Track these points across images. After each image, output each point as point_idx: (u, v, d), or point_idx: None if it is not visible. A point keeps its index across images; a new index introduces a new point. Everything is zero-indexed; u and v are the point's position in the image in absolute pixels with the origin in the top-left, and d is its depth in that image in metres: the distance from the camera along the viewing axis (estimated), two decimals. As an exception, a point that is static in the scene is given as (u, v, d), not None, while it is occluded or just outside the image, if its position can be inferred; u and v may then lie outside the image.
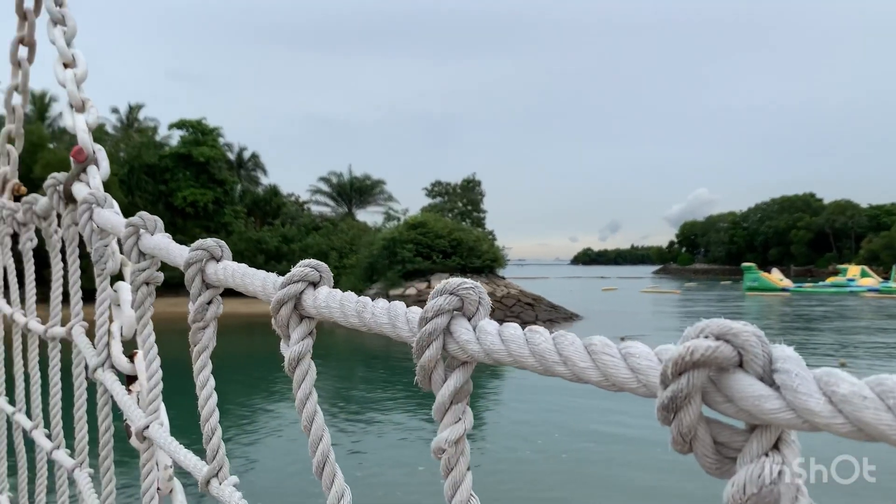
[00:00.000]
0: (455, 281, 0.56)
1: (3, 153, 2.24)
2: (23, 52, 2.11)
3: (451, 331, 0.56)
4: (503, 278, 42.91)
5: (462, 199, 55.22)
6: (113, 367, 1.27)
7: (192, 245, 0.94)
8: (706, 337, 0.40)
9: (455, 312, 0.56)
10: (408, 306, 0.75)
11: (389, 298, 0.71)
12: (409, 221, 43.55)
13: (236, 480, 0.90)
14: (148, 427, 1.08)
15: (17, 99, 2.18)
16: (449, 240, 39.74)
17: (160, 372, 1.11)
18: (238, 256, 1.17)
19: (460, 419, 0.57)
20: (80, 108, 1.61)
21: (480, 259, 40.08)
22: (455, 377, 0.56)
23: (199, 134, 45.51)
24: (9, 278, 2.08)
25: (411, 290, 35.41)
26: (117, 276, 1.35)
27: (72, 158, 1.49)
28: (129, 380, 1.25)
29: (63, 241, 1.67)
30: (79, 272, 1.50)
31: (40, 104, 47.08)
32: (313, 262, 0.75)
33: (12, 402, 2.06)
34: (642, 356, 0.44)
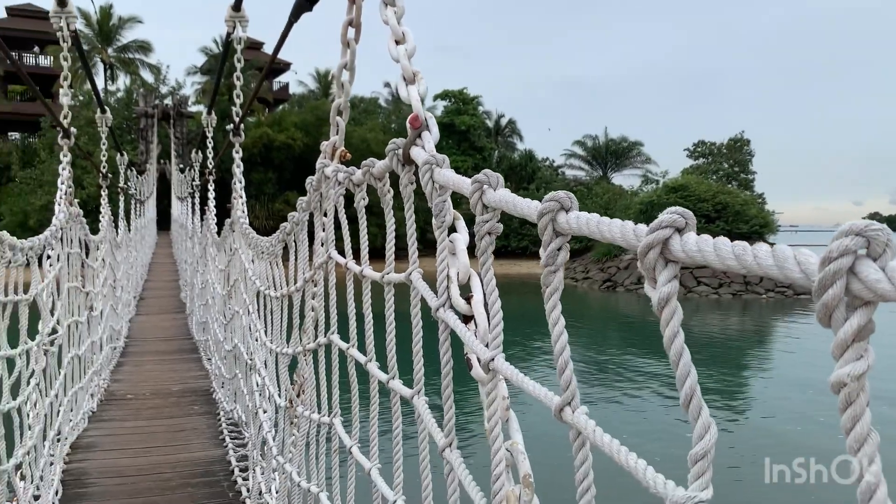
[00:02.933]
0: (862, 222, 0.58)
1: (333, 124, 2.58)
2: (351, 33, 2.39)
3: (856, 271, 0.58)
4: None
5: (728, 159, 51.71)
6: (452, 307, 1.44)
7: (544, 197, 1.03)
8: None
9: (860, 253, 0.58)
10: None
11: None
12: (668, 184, 41.91)
13: (587, 410, 0.99)
14: (494, 360, 1.21)
15: (345, 76, 2.48)
16: (713, 203, 37.62)
17: (501, 311, 1.24)
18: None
19: (862, 356, 0.59)
20: (411, 80, 1.81)
21: (748, 224, 37.46)
22: (858, 316, 0.58)
23: (461, 103, 47.61)
24: (343, 232, 2.41)
25: (670, 256, 34.06)
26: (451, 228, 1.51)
27: (408, 125, 1.69)
28: (464, 319, 1.41)
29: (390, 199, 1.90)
30: (415, 225, 1.70)
31: (325, 82, 52.21)
32: (679, 209, 0.80)
33: (345, 339, 2.40)
34: None
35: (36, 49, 46.93)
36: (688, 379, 0.79)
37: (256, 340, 4.68)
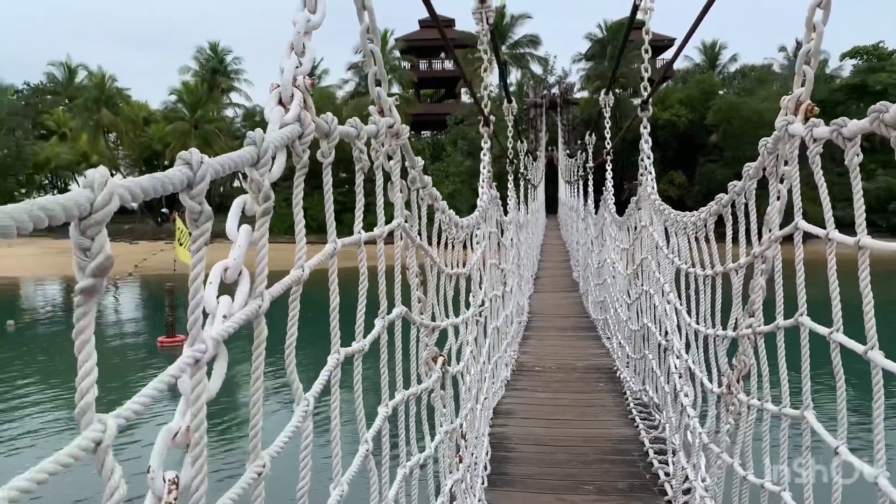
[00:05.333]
0: None
1: (799, 74, 2.25)
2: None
3: None
4: None
5: None
6: None
7: None
8: None
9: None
10: None
11: None
12: None
13: None
14: None
15: (818, 15, 2.13)
16: None
17: None
18: None
19: None
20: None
21: None
22: None
23: (875, 59, 41.38)
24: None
25: None
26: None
27: None
28: None
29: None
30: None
31: (711, 54, 49.64)
32: None
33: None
34: None
35: (442, 55, 52.92)
36: None
37: (673, 321, 4.49)
